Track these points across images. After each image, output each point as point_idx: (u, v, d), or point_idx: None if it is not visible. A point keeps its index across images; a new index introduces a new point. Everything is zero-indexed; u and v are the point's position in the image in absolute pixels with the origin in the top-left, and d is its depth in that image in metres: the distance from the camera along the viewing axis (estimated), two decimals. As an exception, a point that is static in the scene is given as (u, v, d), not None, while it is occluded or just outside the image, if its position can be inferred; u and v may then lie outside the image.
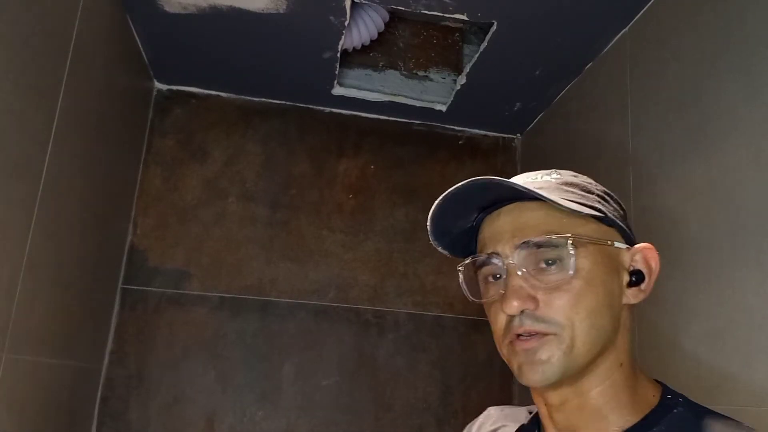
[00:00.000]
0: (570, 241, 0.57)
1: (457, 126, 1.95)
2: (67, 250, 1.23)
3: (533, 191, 0.57)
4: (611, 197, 0.65)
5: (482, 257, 0.61)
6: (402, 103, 1.80)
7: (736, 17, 1.04)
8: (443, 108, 1.83)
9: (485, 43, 1.50)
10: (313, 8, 1.39)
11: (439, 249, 0.67)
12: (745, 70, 1.01)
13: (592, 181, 0.65)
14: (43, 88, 1.05)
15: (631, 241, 0.63)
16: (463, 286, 0.64)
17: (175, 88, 1.81)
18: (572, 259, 0.57)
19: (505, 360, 0.61)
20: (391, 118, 1.92)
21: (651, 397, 0.60)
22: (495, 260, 0.60)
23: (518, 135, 2.00)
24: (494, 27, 1.42)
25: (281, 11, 1.41)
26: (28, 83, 0.99)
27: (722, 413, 0.58)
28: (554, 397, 0.60)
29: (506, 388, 1.76)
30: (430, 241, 0.66)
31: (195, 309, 1.68)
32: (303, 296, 1.74)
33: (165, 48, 1.61)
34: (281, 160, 1.83)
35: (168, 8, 1.42)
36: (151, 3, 1.41)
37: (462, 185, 0.59)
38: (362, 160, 1.89)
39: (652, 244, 0.63)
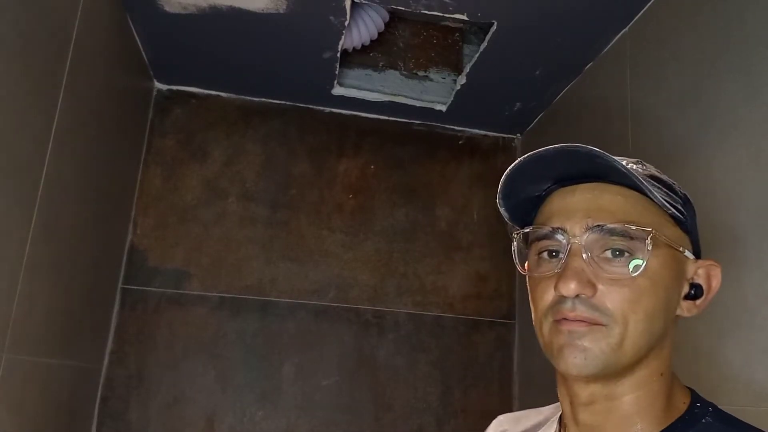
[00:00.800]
0: (651, 235, 0.53)
1: (457, 126, 1.95)
2: (67, 250, 1.23)
3: (632, 174, 0.53)
4: (691, 204, 0.61)
5: (545, 230, 0.57)
6: (402, 103, 1.80)
7: (736, 17, 1.04)
8: (443, 108, 1.83)
9: (485, 43, 1.50)
10: (313, 8, 1.39)
11: (502, 210, 0.63)
12: (745, 70, 1.01)
13: (676, 182, 0.61)
14: (43, 88, 1.05)
15: (698, 253, 0.61)
16: (515, 255, 0.61)
17: (175, 88, 1.81)
18: (646, 256, 0.53)
19: (544, 342, 0.57)
20: (391, 118, 1.92)
21: (681, 405, 0.58)
22: (559, 236, 0.56)
23: (518, 135, 2.00)
24: (494, 27, 1.42)
25: (281, 11, 1.41)
26: (28, 83, 0.99)
27: (754, 426, 0.56)
28: (584, 392, 0.57)
29: (506, 388, 1.76)
30: (496, 200, 0.63)
31: (195, 309, 1.68)
32: (303, 296, 1.74)
33: (165, 48, 1.61)
34: (281, 160, 1.83)
35: (168, 8, 1.42)
36: (151, 3, 1.41)
37: (554, 148, 0.55)
38: (362, 160, 1.89)
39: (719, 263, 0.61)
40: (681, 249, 0.57)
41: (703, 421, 0.56)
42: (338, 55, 1.58)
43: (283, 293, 1.74)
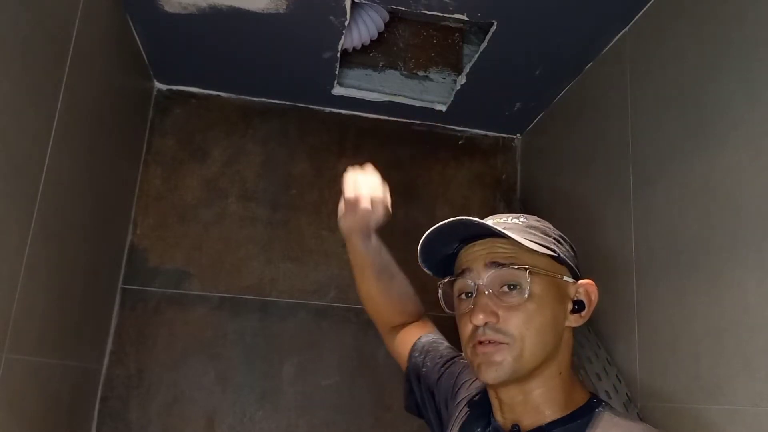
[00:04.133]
0: (528, 271, 0.72)
1: (457, 126, 1.95)
2: (67, 249, 1.23)
3: (503, 232, 0.72)
4: (565, 240, 0.79)
5: (458, 272, 0.77)
6: (402, 103, 1.80)
7: (736, 17, 1.04)
8: (443, 108, 1.83)
9: (485, 43, 1.50)
10: (313, 8, 1.39)
11: (425, 268, 0.85)
12: (745, 70, 1.01)
13: (551, 226, 0.80)
14: (43, 88, 1.05)
15: (577, 277, 0.77)
16: (441, 300, 0.80)
17: (175, 88, 1.81)
18: (528, 286, 0.71)
19: (468, 360, 0.76)
20: (391, 118, 1.92)
21: (580, 400, 0.75)
22: (468, 279, 0.75)
23: (518, 135, 2.00)
24: (494, 27, 1.42)
25: (281, 11, 1.41)
26: (28, 83, 0.99)
27: (637, 418, 0.71)
28: (505, 394, 0.75)
29: (506, 388, 1.76)
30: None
31: (195, 309, 1.68)
32: (303, 296, 1.74)
33: (165, 48, 1.61)
34: (281, 160, 1.83)
35: (168, 8, 1.42)
36: (151, 3, 1.41)
37: (448, 223, 0.75)
38: (362, 160, 1.88)
39: (592, 280, 0.77)
40: (559, 276, 0.75)
41: (597, 410, 0.73)
42: (338, 55, 1.58)
43: (283, 293, 1.74)
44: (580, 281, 0.77)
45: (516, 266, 0.72)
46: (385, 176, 1.99)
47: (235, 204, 1.77)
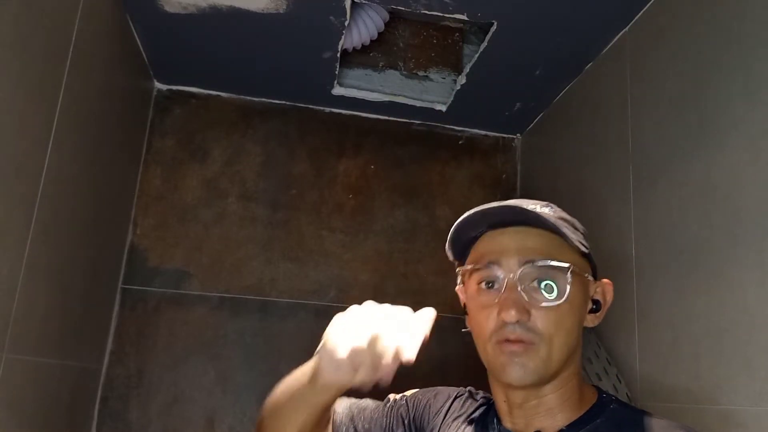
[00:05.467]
0: (570, 270, 0.66)
1: (457, 126, 1.95)
2: (67, 249, 1.23)
3: (554, 224, 0.67)
4: (586, 236, 0.74)
5: (486, 264, 0.70)
6: (402, 103, 1.80)
7: (736, 17, 1.04)
8: (443, 108, 1.83)
9: (485, 43, 1.50)
10: (313, 8, 1.39)
11: (450, 254, 0.76)
12: (745, 70, 1.01)
13: (576, 220, 0.75)
14: (43, 88, 1.05)
15: (596, 276, 0.74)
16: (459, 287, 0.76)
17: (175, 88, 1.81)
18: (568, 286, 0.66)
19: (487, 357, 0.69)
20: (391, 118, 1.92)
21: (591, 396, 0.72)
22: (496, 270, 0.69)
23: (518, 135, 2.00)
24: (494, 27, 1.42)
25: (281, 11, 1.41)
26: (28, 83, 0.99)
27: (646, 410, 0.69)
28: (518, 396, 0.70)
29: (506, 388, 1.76)
30: (445, 246, 0.75)
31: (195, 309, 1.68)
32: (303, 296, 1.74)
33: (165, 48, 1.61)
34: (281, 160, 1.83)
35: (168, 8, 1.42)
36: (151, 3, 1.41)
37: (495, 206, 0.69)
38: (362, 160, 1.89)
39: (608, 280, 0.75)
40: (586, 275, 0.71)
41: (611, 407, 0.70)
42: (338, 55, 1.58)
43: (283, 293, 1.74)
44: (599, 280, 0.74)
45: (556, 262, 0.66)
46: (385, 176, 1.99)
47: (235, 204, 1.77)
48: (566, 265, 0.66)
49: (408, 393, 0.93)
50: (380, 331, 0.65)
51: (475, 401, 0.83)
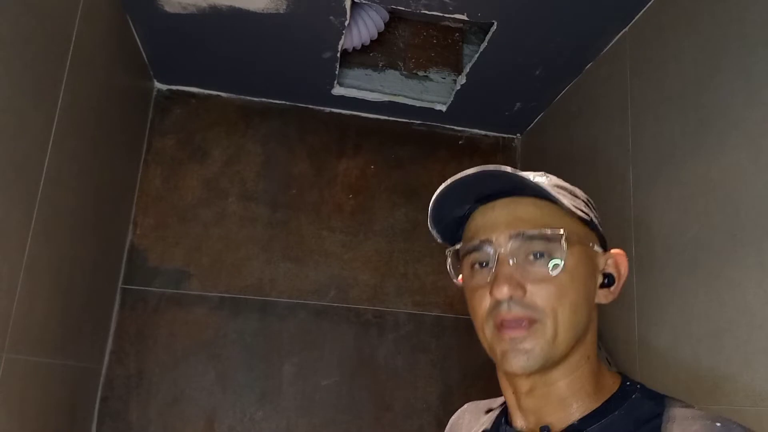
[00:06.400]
0: (564, 237, 0.60)
1: (457, 126, 1.95)
2: (67, 249, 1.23)
3: (542, 187, 0.60)
4: (592, 205, 0.68)
5: (474, 243, 0.64)
6: (402, 103, 1.80)
7: (736, 17, 1.04)
8: (443, 108, 1.83)
9: (485, 43, 1.50)
10: (313, 8, 1.39)
11: (434, 233, 0.69)
12: (745, 70, 1.01)
13: (577, 188, 0.68)
14: (43, 88, 1.05)
15: (605, 246, 0.67)
16: (450, 269, 0.68)
17: (175, 88, 1.81)
18: (563, 256, 0.60)
19: (486, 345, 0.64)
20: (391, 118, 1.92)
21: (611, 385, 0.64)
22: (487, 248, 0.62)
23: (518, 135, 2.00)
24: (494, 27, 1.42)
25: (281, 11, 1.41)
26: (28, 83, 0.99)
27: (679, 399, 0.62)
28: (524, 384, 0.64)
29: (506, 388, 1.76)
30: (429, 228, 0.69)
31: (195, 309, 1.68)
32: (303, 296, 1.74)
33: (165, 48, 1.61)
34: (281, 160, 1.83)
35: (168, 8, 1.42)
36: (151, 3, 1.41)
37: (471, 172, 0.61)
38: (362, 160, 1.89)
39: (623, 250, 0.67)
40: (591, 245, 0.64)
41: (633, 397, 0.62)
42: (338, 55, 1.58)
43: (283, 293, 1.74)
44: (609, 251, 0.66)
45: (549, 230, 0.61)
46: (385, 176, 1.99)
47: (235, 204, 1.77)
48: (560, 231, 0.60)
49: None
50: None
51: (491, 411, 0.77)
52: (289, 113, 1.87)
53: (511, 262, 0.61)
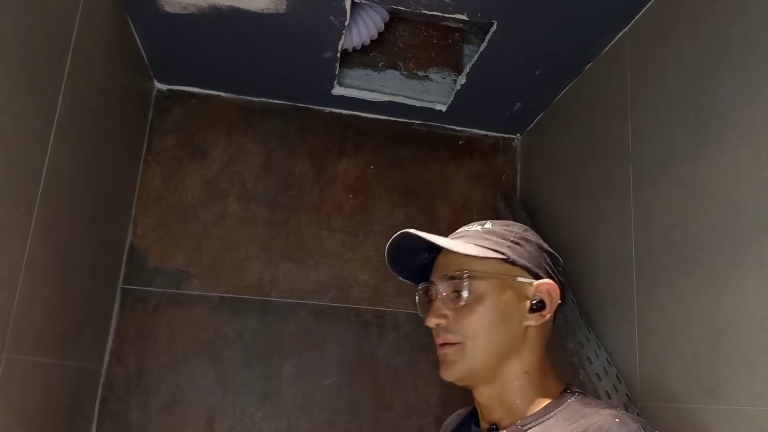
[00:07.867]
0: (466, 275, 0.78)
1: (457, 126, 1.95)
2: (67, 249, 1.23)
3: (433, 242, 0.79)
4: (529, 242, 0.82)
5: (426, 284, 0.85)
6: (402, 103, 1.80)
7: (736, 17, 1.04)
8: (443, 108, 1.83)
9: (485, 43, 1.50)
10: (313, 8, 1.39)
11: (401, 278, 0.89)
12: (745, 70, 1.01)
13: (516, 230, 0.83)
14: (43, 88, 1.05)
15: (538, 277, 0.80)
16: (418, 306, 0.87)
17: (175, 88, 1.81)
18: (465, 290, 0.78)
19: None
20: (391, 118, 1.92)
21: (554, 392, 0.78)
22: (432, 287, 0.82)
23: (518, 135, 2.00)
24: (494, 27, 1.42)
25: (281, 11, 1.41)
26: (28, 83, 0.99)
27: (613, 405, 0.74)
28: (480, 396, 0.81)
29: (506, 388, 1.76)
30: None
31: (195, 309, 1.68)
32: (303, 296, 1.74)
33: (165, 48, 1.61)
34: (281, 160, 1.83)
35: (168, 8, 1.43)
36: (151, 3, 1.41)
37: (393, 240, 0.83)
38: (362, 160, 1.89)
39: (557, 283, 0.81)
40: (514, 277, 0.78)
41: (569, 401, 0.75)
42: (338, 55, 1.58)
43: (283, 293, 1.74)
44: (537, 281, 0.79)
45: (456, 272, 0.78)
46: (385, 176, 1.99)
47: (235, 204, 1.77)
48: (465, 271, 0.78)
49: None
50: None
51: (466, 414, 0.92)
52: (289, 113, 1.87)
53: (439, 297, 0.80)
